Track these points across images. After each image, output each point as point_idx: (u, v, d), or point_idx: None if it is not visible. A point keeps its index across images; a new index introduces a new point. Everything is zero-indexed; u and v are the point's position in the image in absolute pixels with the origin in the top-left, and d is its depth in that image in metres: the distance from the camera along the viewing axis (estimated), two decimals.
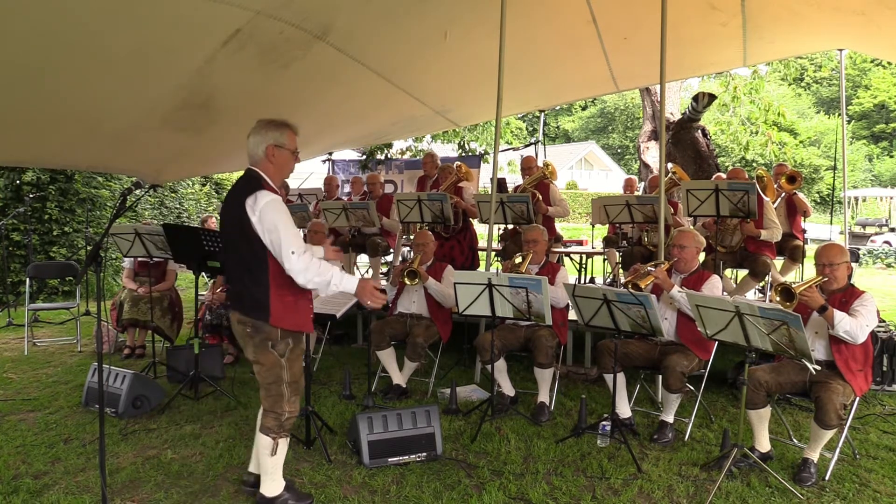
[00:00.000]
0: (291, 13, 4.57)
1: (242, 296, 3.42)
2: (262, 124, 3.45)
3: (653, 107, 11.49)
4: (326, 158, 11.75)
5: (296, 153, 3.54)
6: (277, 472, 3.57)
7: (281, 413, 3.46)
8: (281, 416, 3.46)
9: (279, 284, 3.33)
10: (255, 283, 3.33)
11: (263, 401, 3.48)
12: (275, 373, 3.41)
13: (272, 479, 3.55)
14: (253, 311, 3.36)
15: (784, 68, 16.94)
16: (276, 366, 3.40)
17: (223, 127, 5.95)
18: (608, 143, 51.25)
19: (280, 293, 3.34)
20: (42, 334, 8.21)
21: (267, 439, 3.46)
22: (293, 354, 3.45)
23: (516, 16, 5.63)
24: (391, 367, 5.70)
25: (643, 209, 6.77)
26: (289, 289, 3.35)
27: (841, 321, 3.96)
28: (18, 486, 3.90)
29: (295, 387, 3.49)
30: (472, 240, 7.77)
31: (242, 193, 3.32)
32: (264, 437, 3.47)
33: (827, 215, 25.86)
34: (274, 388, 3.43)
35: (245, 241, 3.30)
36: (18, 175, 10.16)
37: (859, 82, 44.11)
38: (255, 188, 3.31)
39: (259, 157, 3.41)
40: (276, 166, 3.44)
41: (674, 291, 4.67)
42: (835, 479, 4.09)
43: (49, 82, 4.50)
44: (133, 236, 6.31)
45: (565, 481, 4.03)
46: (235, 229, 3.34)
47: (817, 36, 7.28)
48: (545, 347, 5.11)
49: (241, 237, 3.31)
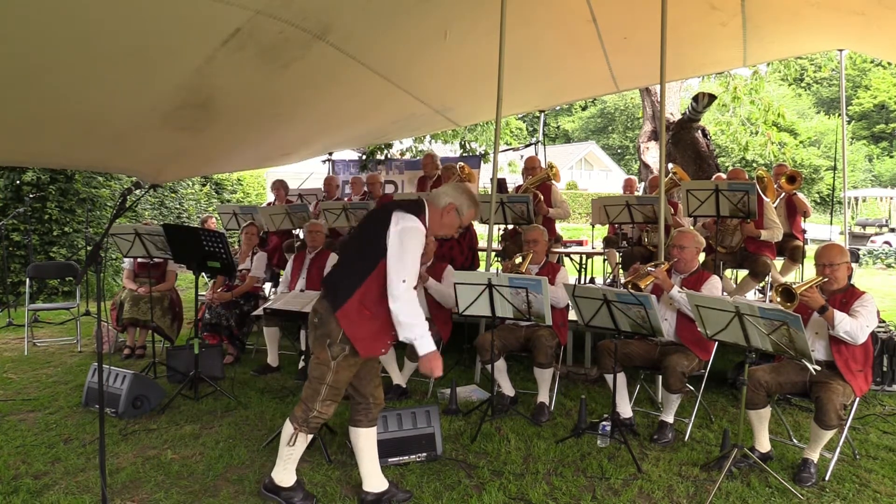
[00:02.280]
0: (291, 13, 4.57)
1: (333, 280, 3.53)
2: (460, 187, 3.69)
3: (653, 107, 11.49)
4: (326, 159, 11.73)
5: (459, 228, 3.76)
6: (291, 465, 3.63)
7: (310, 409, 3.50)
8: (309, 412, 3.51)
9: (368, 295, 3.39)
10: (350, 281, 3.42)
11: (304, 390, 3.56)
12: (321, 370, 3.46)
13: (285, 468, 3.62)
14: (330, 300, 3.43)
15: (784, 68, 16.96)
16: (324, 364, 3.44)
17: (223, 127, 5.94)
18: (608, 143, 51.25)
19: (363, 302, 3.39)
20: (42, 334, 8.21)
21: (290, 427, 3.54)
22: (345, 362, 3.45)
23: (516, 15, 5.63)
24: (391, 368, 5.70)
25: (643, 209, 6.77)
26: (374, 306, 3.41)
27: (841, 322, 3.96)
28: (18, 486, 3.90)
29: (334, 392, 3.50)
30: (472, 240, 7.76)
31: (400, 207, 3.45)
32: (288, 425, 3.56)
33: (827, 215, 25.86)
34: (315, 382, 3.49)
35: (370, 243, 3.41)
36: (18, 175, 10.15)
37: (859, 82, 44.11)
38: (414, 211, 3.44)
39: (438, 203, 3.59)
40: (441, 221, 3.62)
41: (674, 292, 4.67)
42: (835, 479, 4.09)
43: (48, 81, 4.50)
44: (133, 236, 6.31)
45: (565, 481, 4.03)
46: (371, 228, 3.46)
47: (817, 36, 7.28)
48: (545, 347, 5.11)
49: (371, 236, 3.42)
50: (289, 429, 3.55)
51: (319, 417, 3.54)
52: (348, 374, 3.52)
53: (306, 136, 7.98)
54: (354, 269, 3.44)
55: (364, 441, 3.70)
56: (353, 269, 3.46)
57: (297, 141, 8.02)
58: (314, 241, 6.68)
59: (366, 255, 3.42)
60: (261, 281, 7.23)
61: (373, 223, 3.49)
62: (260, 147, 7.51)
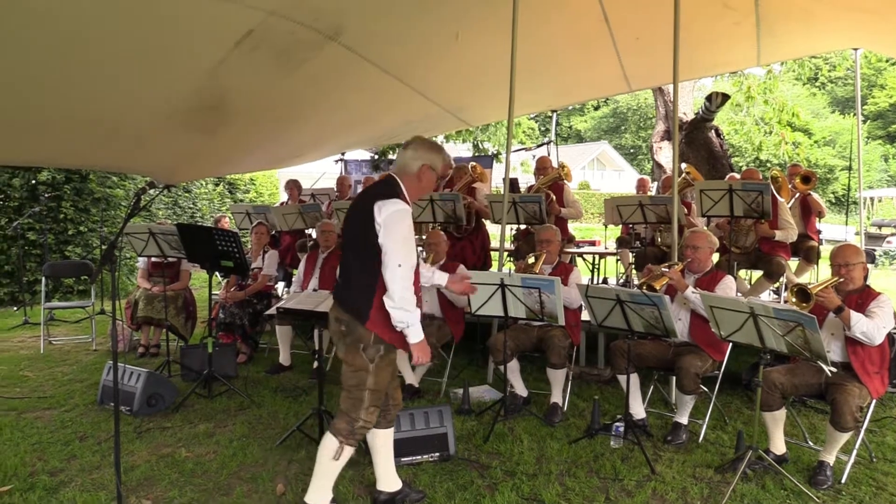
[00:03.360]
0: (304, 14, 4.58)
1: (347, 293, 3.41)
2: (424, 143, 3.58)
3: (665, 107, 11.44)
4: (339, 159, 11.78)
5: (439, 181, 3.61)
6: (330, 481, 3.48)
7: (356, 419, 3.38)
8: (355, 423, 3.38)
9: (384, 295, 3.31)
10: (363, 284, 3.33)
11: (342, 402, 3.42)
12: (359, 377, 3.36)
13: (322, 486, 3.45)
14: (352, 310, 3.34)
15: (798, 68, 16.81)
16: (363, 370, 3.34)
17: (236, 128, 5.97)
18: (620, 143, 51.05)
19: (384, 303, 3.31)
20: (58, 333, 8.27)
21: (334, 441, 3.38)
22: (383, 363, 3.38)
23: (528, 15, 5.61)
24: (404, 367, 5.70)
25: (656, 209, 6.74)
26: None
27: (857, 322, 3.92)
28: (35, 483, 3.94)
29: (377, 396, 3.40)
30: (485, 240, 7.76)
31: (376, 196, 3.37)
32: (331, 438, 3.39)
33: (842, 216, 25.63)
34: (355, 391, 3.38)
35: (365, 241, 3.32)
36: (34, 175, 10.24)
37: (875, 82, 43.67)
38: (391, 194, 3.36)
39: (410, 170, 3.49)
40: (420, 185, 3.56)
41: (688, 292, 4.65)
42: (851, 482, 4.06)
43: (63, 83, 4.53)
44: (147, 236, 6.35)
45: (578, 482, 4.02)
46: (359, 228, 3.37)
47: (832, 35, 7.23)
48: (558, 348, 5.10)
49: (362, 237, 3.34)
50: (332, 443, 3.37)
51: (366, 427, 3.43)
52: (388, 374, 3.44)
53: (318, 136, 8.00)
54: (363, 275, 3.34)
55: (381, 441, 3.68)
56: (361, 276, 3.35)
57: (309, 142, 8.05)
58: (326, 241, 6.70)
59: (366, 257, 3.32)
60: (273, 279, 7.25)
61: (358, 223, 3.38)
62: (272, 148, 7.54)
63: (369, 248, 3.30)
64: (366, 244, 3.31)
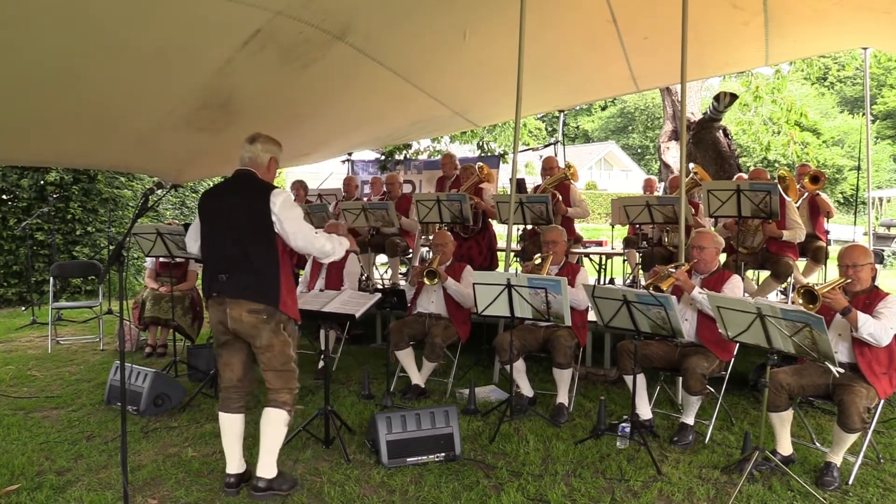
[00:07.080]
0: (311, 13, 4.60)
1: (253, 285, 3.68)
2: (269, 139, 3.92)
3: (673, 107, 11.40)
4: (346, 159, 11.78)
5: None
6: (277, 452, 3.84)
7: (294, 388, 3.84)
8: (294, 391, 3.84)
9: (286, 274, 3.74)
10: (270, 273, 3.68)
11: (275, 382, 3.78)
12: (286, 353, 3.77)
13: (273, 458, 3.81)
14: (266, 298, 3.67)
15: (807, 67, 16.71)
16: (287, 346, 3.77)
17: (243, 127, 5.95)
18: (628, 143, 50.91)
19: (286, 282, 3.74)
20: (65, 332, 8.32)
21: (283, 413, 3.78)
22: (292, 338, 3.85)
23: (536, 15, 5.61)
24: (410, 367, 5.71)
25: (663, 210, 6.72)
26: (289, 280, 3.77)
27: (865, 323, 3.90)
28: (42, 483, 3.96)
29: (296, 365, 3.87)
30: (491, 240, 7.75)
31: (261, 191, 3.70)
32: (278, 412, 3.77)
33: (850, 216, 25.51)
34: (286, 367, 3.79)
35: (261, 233, 3.66)
36: (42, 175, 10.30)
37: (884, 81, 43.37)
38: (271, 187, 3.75)
39: (262, 163, 3.84)
40: (270, 174, 3.91)
41: (695, 293, 4.63)
42: (858, 483, 4.03)
43: (72, 83, 4.56)
44: (155, 236, 6.37)
45: (584, 483, 4.01)
46: (248, 222, 3.67)
47: (841, 34, 7.19)
48: (564, 348, 5.09)
49: (255, 230, 3.66)
50: (281, 415, 3.77)
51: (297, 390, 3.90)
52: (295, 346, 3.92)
53: (326, 136, 8.02)
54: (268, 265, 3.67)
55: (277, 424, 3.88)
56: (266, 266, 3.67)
57: (316, 141, 8.06)
58: None
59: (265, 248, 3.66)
60: None
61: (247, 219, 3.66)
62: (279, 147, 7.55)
63: (268, 240, 3.66)
64: (262, 237, 3.65)
